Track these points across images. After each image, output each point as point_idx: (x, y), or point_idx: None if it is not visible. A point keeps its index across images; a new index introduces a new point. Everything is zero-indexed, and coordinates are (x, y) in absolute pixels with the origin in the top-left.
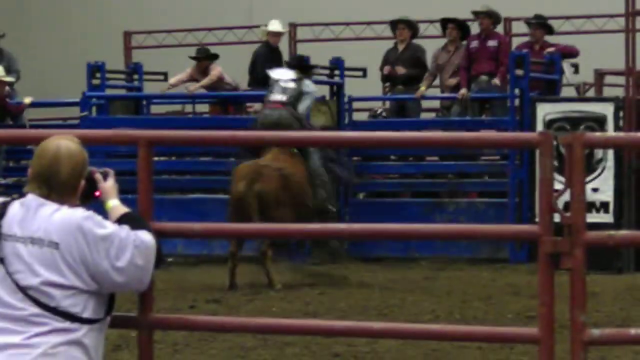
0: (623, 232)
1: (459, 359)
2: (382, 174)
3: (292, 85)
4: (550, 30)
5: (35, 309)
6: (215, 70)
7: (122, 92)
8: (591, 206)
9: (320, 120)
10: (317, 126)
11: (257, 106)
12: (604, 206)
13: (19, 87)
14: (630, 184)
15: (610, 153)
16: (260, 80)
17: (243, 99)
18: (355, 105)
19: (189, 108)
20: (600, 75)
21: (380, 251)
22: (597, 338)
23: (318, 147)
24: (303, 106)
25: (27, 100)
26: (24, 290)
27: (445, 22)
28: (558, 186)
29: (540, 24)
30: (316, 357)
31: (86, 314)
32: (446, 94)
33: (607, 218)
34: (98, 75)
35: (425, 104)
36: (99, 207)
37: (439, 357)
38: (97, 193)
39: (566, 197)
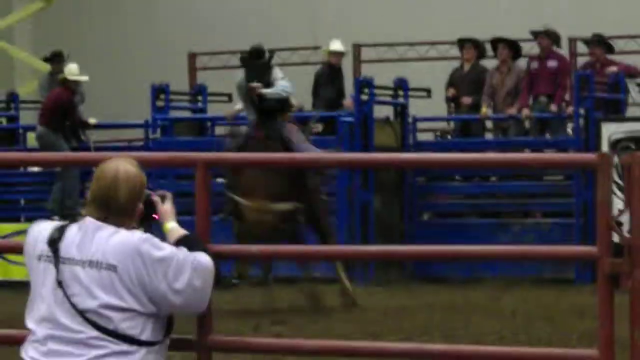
0: None
1: None
2: (447, 194)
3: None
4: (610, 49)
5: (94, 332)
6: None
7: (187, 113)
8: None
9: (384, 141)
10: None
11: (319, 127)
12: None
13: (83, 109)
14: None
15: None
16: (324, 101)
17: (307, 120)
18: (420, 125)
19: None
20: None
21: (445, 271)
22: None
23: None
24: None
25: (92, 120)
26: (82, 313)
27: (495, 42)
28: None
29: (599, 42)
30: None
31: (144, 337)
32: (504, 114)
33: None
34: (162, 96)
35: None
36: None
37: None
38: (155, 216)
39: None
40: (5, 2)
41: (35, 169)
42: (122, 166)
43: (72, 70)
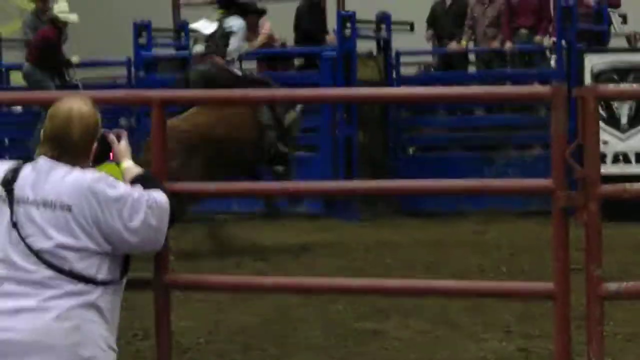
0: (638, 185)
1: (503, 311)
2: (431, 127)
3: (211, 30)
4: None
5: (49, 272)
6: (266, 26)
7: (170, 50)
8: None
9: (367, 76)
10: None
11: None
12: None
13: (65, 47)
14: None
15: None
16: (305, 36)
17: (290, 56)
18: (403, 59)
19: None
20: None
21: (431, 206)
22: (614, 292)
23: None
24: (232, 47)
25: (75, 59)
26: (37, 253)
27: None
28: (606, 137)
29: None
30: (360, 313)
31: (100, 276)
32: (486, 47)
33: None
34: (145, 34)
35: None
36: None
37: (483, 311)
38: (110, 155)
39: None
40: None
41: (19, 108)
42: (76, 105)
43: (61, 8)
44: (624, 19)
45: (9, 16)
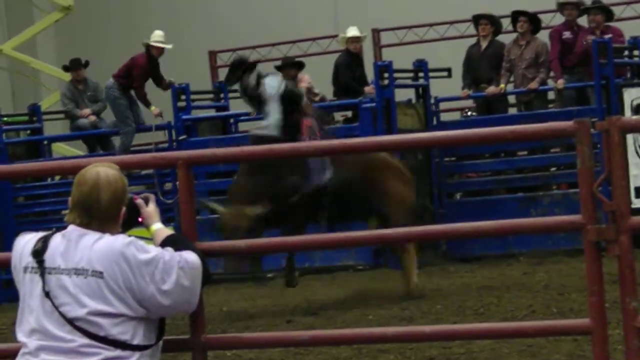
0: None
1: (554, 352)
2: (476, 172)
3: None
4: (610, 16)
5: (85, 340)
6: (304, 79)
7: (211, 112)
8: None
9: (407, 124)
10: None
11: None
12: None
13: (105, 116)
14: None
15: None
16: (344, 89)
17: (330, 109)
18: (442, 105)
19: None
20: None
21: (479, 250)
22: None
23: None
24: (273, 115)
25: (155, 109)
26: (71, 322)
27: (516, 15)
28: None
29: (600, 9)
30: None
31: (136, 341)
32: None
33: None
34: (183, 97)
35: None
36: None
37: (534, 353)
38: (139, 219)
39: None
40: (26, 15)
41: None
42: (103, 171)
43: (156, 37)
44: None
45: (50, 89)
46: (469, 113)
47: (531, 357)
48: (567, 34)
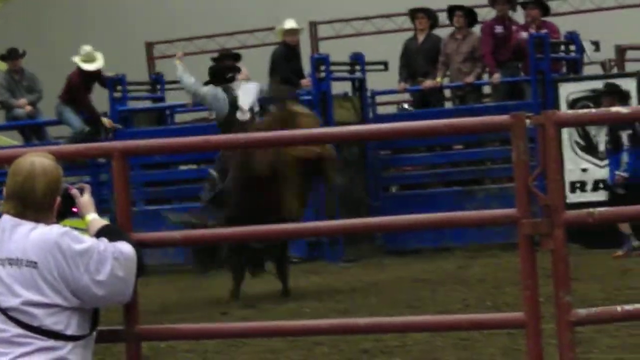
0: (602, 209)
1: (489, 346)
2: (411, 165)
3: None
4: (546, 11)
5: (19, 330)
6: (243, 72)
7: (147, 103)
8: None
9: (344, 116)
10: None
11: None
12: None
13: (42, 106)
14: None
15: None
16: (281, 81)
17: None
18: (379, 99)
19: None
20: (621, 50)
21: (414, 243)
22: (584, 318)
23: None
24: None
25: (106, 121)
26: (5, 311)
27: (452, 10)
28: (585, 165)
29: (536, 3)
30: (345, 355)
31: (70, 331)
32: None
33: None
34: (120, 88)
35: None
36: None
37: (468, 346)
38: (74, 209)
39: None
40: None
41: None
42: (38, 161)
43: (82, 51)
44: (597, 46)
45: None
46: (405, 106)
47: (465, 351)
48: (499, 29)
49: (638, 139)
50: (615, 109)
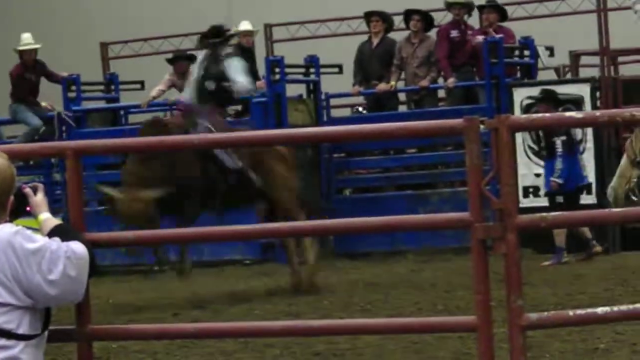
0: (555, 214)
1: (440, 350)
2: (366, 168)
3: None
4: (504, 15)
5: None
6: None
7: (101, 103)
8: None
9: (298, 119)
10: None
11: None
12: (587, 188)
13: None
14: (611, 164)
15: (590, 134)
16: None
17: None
18: (333, 102)
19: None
20: (575, 56)
21: (366, 246)
22: (536, 322)
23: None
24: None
25: (44, 104)
26: None
27: (409, 14)
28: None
29: (494, 8)
30: (297, 357)
31: (22, 330)
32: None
33: (590, 199)
34: (74, 88)
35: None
36: None
37: (420, 349)
38: (27, 208)
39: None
40: None
41: None
42: None
43: (22, 39)
44: (551, 51)
45: None
46: (360, 109)
47: (417, 354)
48: (454, 33)
49: (572, 145)
50: (569, 113)
